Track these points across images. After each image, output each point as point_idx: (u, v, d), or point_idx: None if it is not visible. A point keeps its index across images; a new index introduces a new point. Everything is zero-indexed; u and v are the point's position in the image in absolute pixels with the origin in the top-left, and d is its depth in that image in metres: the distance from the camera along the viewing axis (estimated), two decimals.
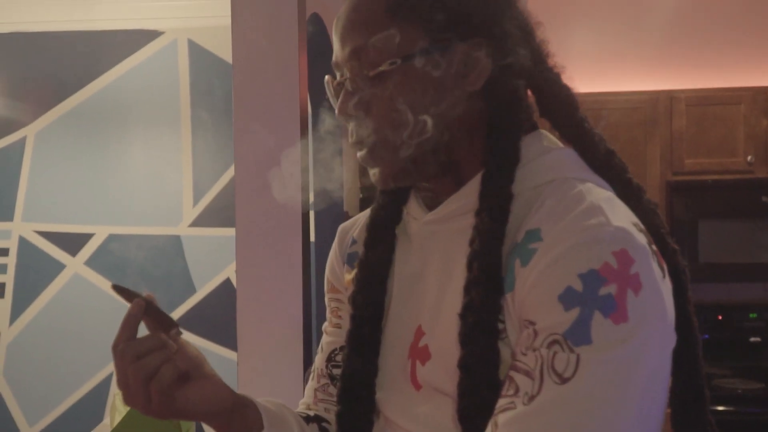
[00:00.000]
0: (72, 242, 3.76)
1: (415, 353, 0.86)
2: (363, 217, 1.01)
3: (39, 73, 3.77)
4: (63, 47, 3.74)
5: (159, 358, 0.78)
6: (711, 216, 3.48)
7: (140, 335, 0.82)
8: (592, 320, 0.69)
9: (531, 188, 0.81)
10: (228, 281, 3.66)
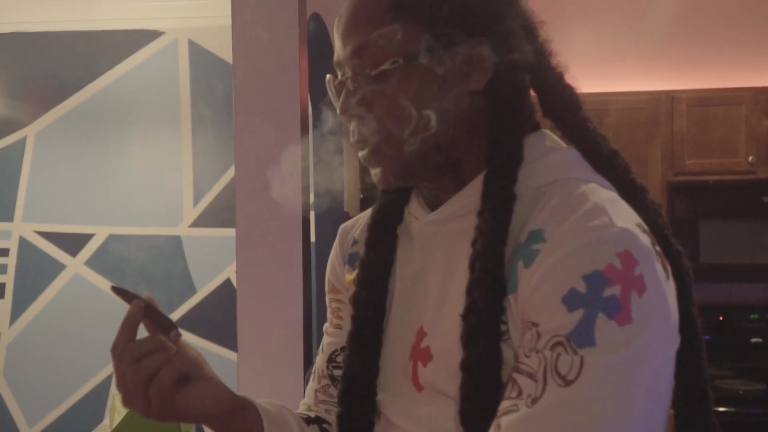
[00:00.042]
0: (72, 242, 3.76)
1: (417, 354, 0.85)
2: (364, 217, 1.00)
3: (39, 73, 3.76)
4: (63, 47, 3.74)
5: (158, 360, 0.78)
6: (712, 216, 3.47)
7: (140, 337, 0.81)
8: (596, 322, 0.69)
9: (534, 188, 0.80)
10: (228, 281, 3.65)
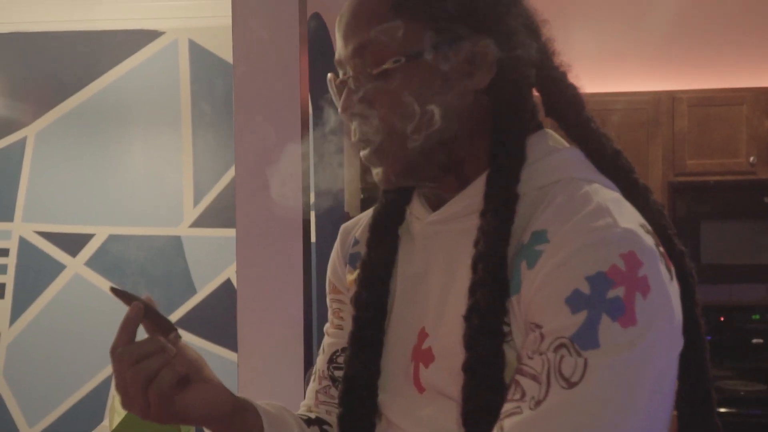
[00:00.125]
0: (72, 243, 3.75)
1: (418, 355, 0.85)
2: (365, 217, 1.00)
3: (39, 73, 3.76)
4: (63, 47, 3.73)
5: (158, 362, 0.77)
6: (713, 217, 3.47)
7: (139, 338, 0.81)
8: (600, 324, 0.69)
9: (537, 188, 0.80)
10: (228, 282, 3.65)
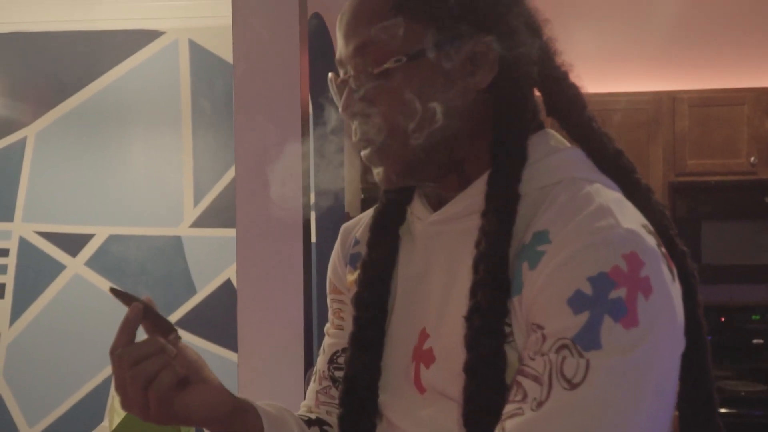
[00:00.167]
0: (72, 243, 3.75)
1: (419, 356, 0.84)
2: (366, 217, 0.99)
3: (39, 73, 3.76)
4: (63, 47, 3.73)
5: (157, 363, 0.77)
6: (714, 217, 3.46)
7: (139, 339, 0.80)
8: (602, 325, 0.68)
9: (538, 189, 0.79)
10: (229, 282, 3.65)
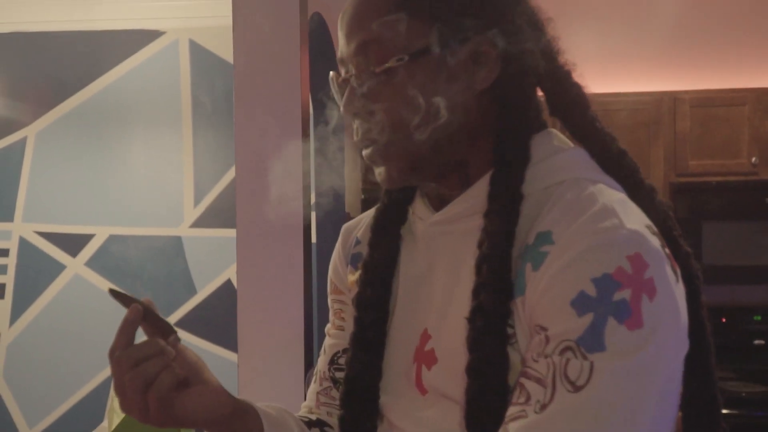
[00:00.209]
0: (72, 243, 3.75)
1: (421, 357, 0.84)
2: (367, 217, 0.99)
3: (39, 73, 3.75)
4: (63, 47, 3.73)
5: (157, 365, 0.76)
6: (714, 218, 3.46)
7: (138, 341, 0.80)
8: (606, 326, 0.68)
9: (541, 189, 0.79)
10: (229, 282, 3.64)
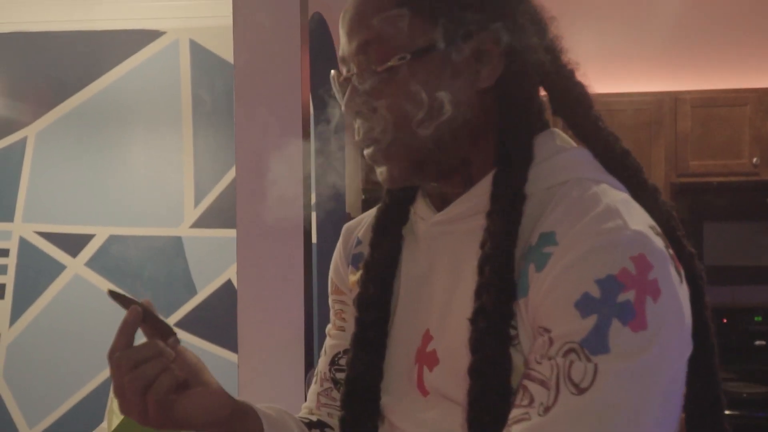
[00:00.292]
0: (72, 243, 3.74)
1: (423, 358, 0.83)
2: (368, 217, 0.98)
3: (39, 73, 3.75)
4: (63, 47, 3.72)
5: (156, 367, 0.76)
6: (715, 218, 3.46)
7: (138, 342, 0.79)
8: (610, 328, 0.67)
9: (544, 189, 0.78)
10: (229, 282, 3.64)
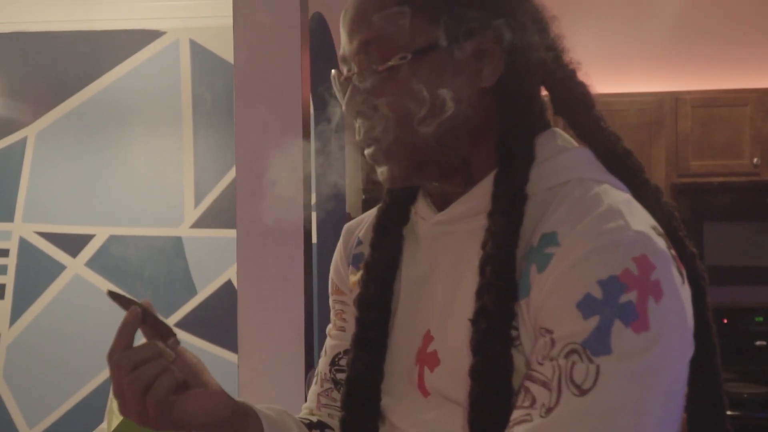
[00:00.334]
0: (72, 243, 3.74)
1: (423, 359, 0.83)
2: (369, 217, 0.98)
3: (39, 73, 3.75)
4: (63, 47, 3.72)
5: (156, 368, 0.75)
6: (716, 218, 3.46)
7: (137, 343, 0.79)
8: (612, 329, 0.67)
9: (545, 189, 0.78)
10: (229, 283, 3.64)
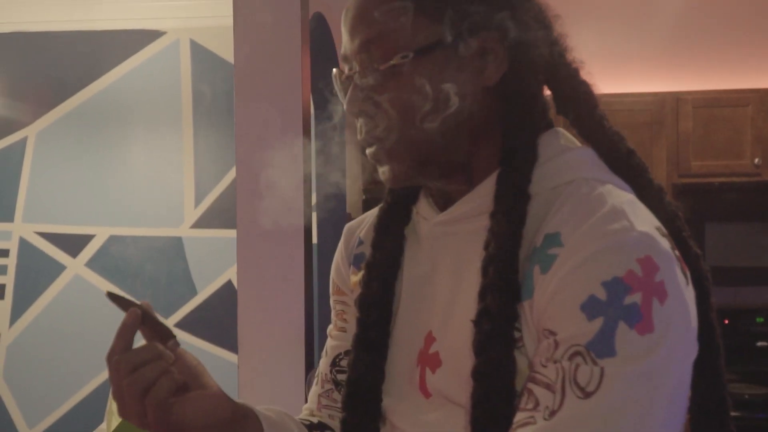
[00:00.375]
0: (73, 243, 3.74)
1: (425, 360, 0.83)
2: (370, 217, 0.98)
3: (39, 73, 3.75)
4: (63, 47, 3.72)
5: (155, 370, 0.75)
6: (717, 219, 3.45)
7: (137, 345, 0.78)
8: (617, 331, 0.67)
9: (549, 189, 0.77)
10: (229, 283, 3.63)
